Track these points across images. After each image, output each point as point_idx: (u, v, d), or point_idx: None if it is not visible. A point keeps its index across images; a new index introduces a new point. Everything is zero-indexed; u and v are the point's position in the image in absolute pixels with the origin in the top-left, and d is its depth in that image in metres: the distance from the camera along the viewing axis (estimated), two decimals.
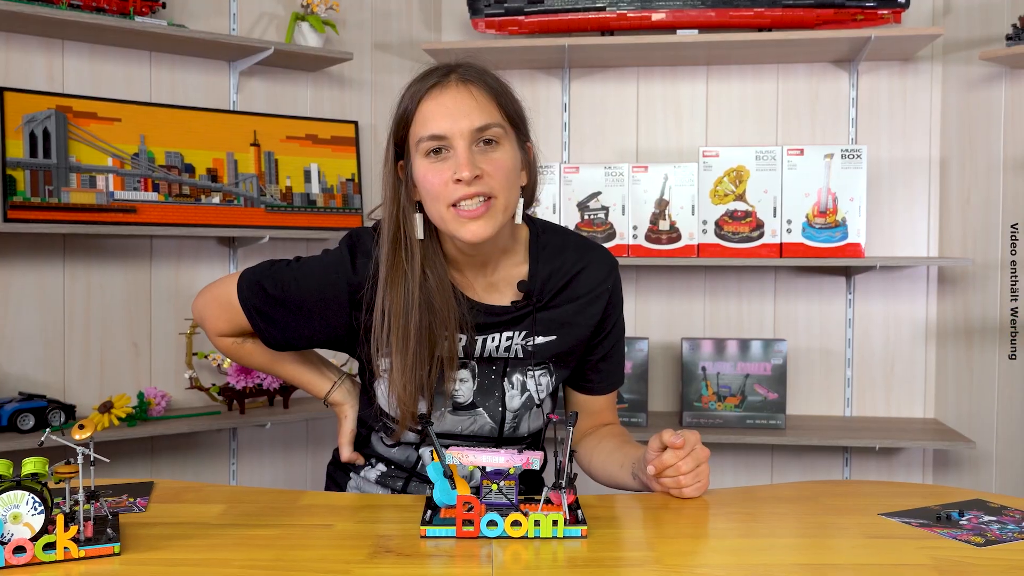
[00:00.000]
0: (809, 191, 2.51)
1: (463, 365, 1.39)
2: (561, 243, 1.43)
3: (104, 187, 2.27)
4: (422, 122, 1.28)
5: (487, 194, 1.26)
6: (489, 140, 1.28)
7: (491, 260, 1.38)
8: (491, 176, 1.27)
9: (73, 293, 2.32)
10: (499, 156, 1.28)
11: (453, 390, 1.39)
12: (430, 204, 1.30)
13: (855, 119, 2.72)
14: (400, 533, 1.10)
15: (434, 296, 1.32)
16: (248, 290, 1.40)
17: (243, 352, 1.50)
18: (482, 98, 1.28)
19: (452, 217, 1.27)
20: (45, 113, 2.21)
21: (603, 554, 1.03)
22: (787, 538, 1.12)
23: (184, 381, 2.45)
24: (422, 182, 1.29)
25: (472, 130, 1.26)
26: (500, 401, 1.41)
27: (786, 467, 2.78)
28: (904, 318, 2.73)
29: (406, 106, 1.30)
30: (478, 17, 2.66)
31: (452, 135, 1.26)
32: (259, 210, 2.50)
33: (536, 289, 1.38)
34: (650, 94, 2.81)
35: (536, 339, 1.39)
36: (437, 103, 1.27)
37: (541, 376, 1.42)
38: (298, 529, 1.12)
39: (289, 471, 2.70)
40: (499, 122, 1.29)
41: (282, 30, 2.63)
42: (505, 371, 1.41)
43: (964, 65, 2.64)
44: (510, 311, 1.38)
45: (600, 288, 1.43)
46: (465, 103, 1.27)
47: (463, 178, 1.24)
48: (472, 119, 1.26)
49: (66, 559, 0.99)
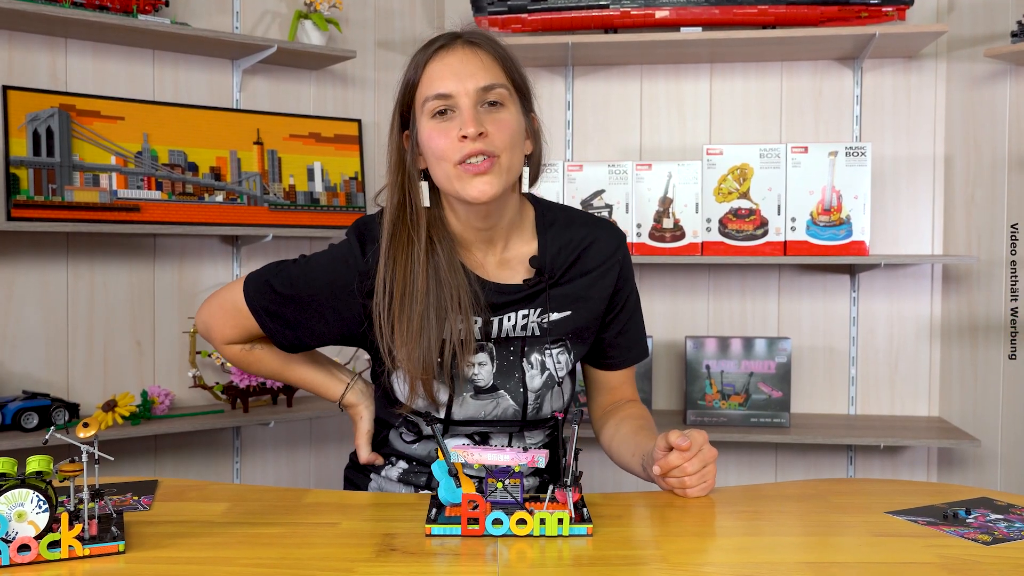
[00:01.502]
0: (813, 189, 2.51)
1: (480, 348, 1.38)
2: (567, 218, 1.43)
3: (107, 186, 2.27)
4: (428, 83, 1.29)
5: (491, 152, 1.26)
6: (494, 102, 1.28)
7: (499, 237, 1.38)
8: (495, 135, 1.27)
9: (77, 292, 2.32)
10: (504, 116, 1.29)
11: (473, 374, 1.37)
12: (436, 166, 1.30)
13: (859, 116, 2.72)
14: (405, 531, 1.10)
15: (441, 268, 1.31)
16: (255, 292, 1.39)
17: (252, 359, 1.48)
18: (488, 60, 1.29)
19: (458, 174, 1.27)
20: (48, 111, 2.20)
21: (609, 552, 1.03)
22: (793, 536, 1.11)
23: (188, 380, 2.45)
24: (428, 143, 1.29)
25: (478, 89, 1.27)
26: (521, 382, 1.39)
27: (790, 465, 2.77)
28: (908, 316, 2.73)
29: (412, 72, 1.31)
30: (481, 15, 2.65)
31: (458, 94, 1.26)
32: (262, 208, 2.50)
33: (547, 265, 1.38)
34: (654, 92, 2.81)
35: (551, 315, 1.39)
36: (443, 64, 1.28)
37: (560, 354, 1.41)
38: (303, 527, 1.12)
39: (293, 469, 2.70)
40: (504, 83, 1.30)
41: (284, 28, 2.62)
42: (523, 351, 1.40)
43: (968, 62, 2.63)
44: (523, 289, 1.38)
45: (611, 260, 1.43)
46: (471, 63, 1.28)
47: (468, 134, 1.24)
48: (477, 79, 1.27)
49: (71, 557, 0.98)
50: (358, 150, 2.69)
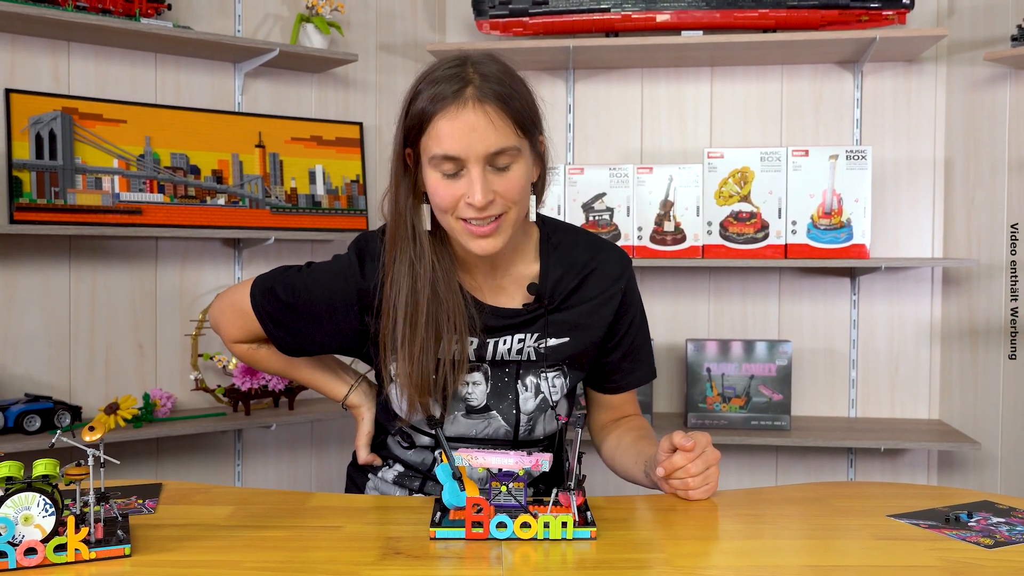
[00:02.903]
0: (814, 192, 2.51)
1: (475, 368, 1.39)
2: (572, 242, 1.42)
3: (110, 189, 2.28)
4: (436, 138, 1.23)
5: (497, 214, 1.25)
6: (504, 164, 1.25)
7: (501, 261, 1.37)
8: (503, 196, 1.25)
9: (79, 294, 2.33)
10: (512, 175, 1.25)
11: (466, 393, 1.38)
12: (440, 214, 1.29)
13: (859, 120, 2.72)
14: (410, 535, 1.10)
15: (440, 285, 1.31)
16: (261, 296, 1.41)
17: (258, 357, 1.50)
18: (498, 119, 1.22)
19: (461, 230, 1.27)
20: (51, 115, 2.21)
21: (612, 555, 1.03)
22: (795, 539, 1.12)
23: (189, 382, 2.46)
24: (432, 193, 1.27)
25: (487, 153, 1.23)
26: (514, 404, 1.40)
27: (791, 468, 2.78)
28: (908, 319, 2.73)
29: (422, 107, 1.24)
30: (483, 18, 2.66)
31: (467, 158, 1.23)
32: (264, 211, 2.50)
33: (547, 290, 1.37)
34: (654, 95, 2.81)
35: (549, 341, 1.39)
36: (452, 125, 1.22)
37: (555, 378, 1.41)
38: (307, 531, 1.12)
39: (295, 472, 2.70)
40: (515, 144, 1.24)
41: (286, 31, 2.63)
42: (519, 373, 1.40)
43: (968, 66, 2.63)
44: (521, 313, 1.37)
45: (613, 288, 1.41)
46: (480, 125, 1.22)
47: (475, 203, 1.22)
48: (487, 143, 1.22)
49: (77, 561, 0.99)
50: (360, 153, 2.69)
